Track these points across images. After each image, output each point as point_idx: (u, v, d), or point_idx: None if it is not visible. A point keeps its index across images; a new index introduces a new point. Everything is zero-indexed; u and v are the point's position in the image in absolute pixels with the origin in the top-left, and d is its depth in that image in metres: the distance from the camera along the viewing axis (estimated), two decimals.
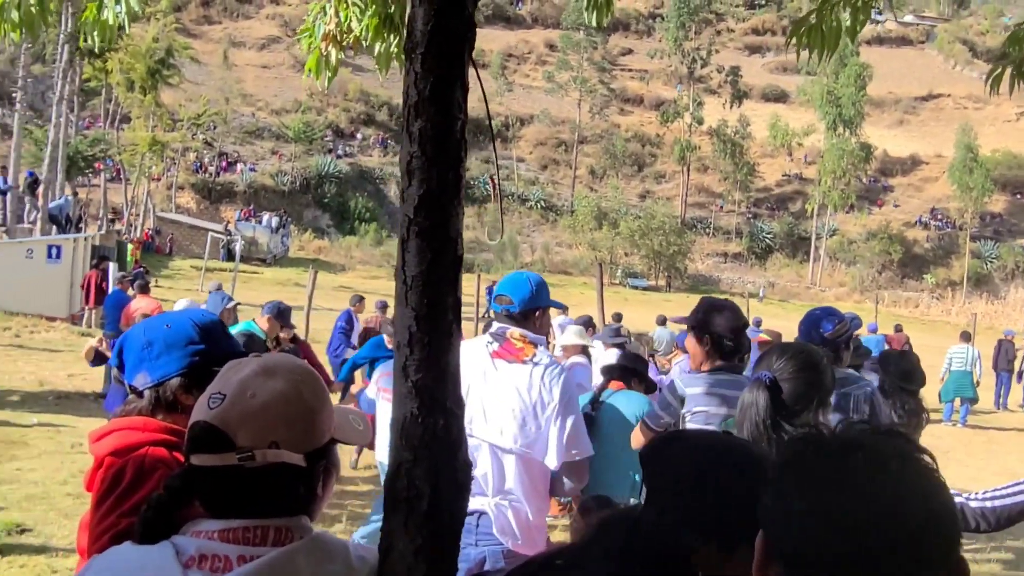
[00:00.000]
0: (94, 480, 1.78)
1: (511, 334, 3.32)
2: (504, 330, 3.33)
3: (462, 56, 1.40)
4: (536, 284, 3.45)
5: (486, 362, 3.22)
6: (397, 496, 1.30)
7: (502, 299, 3.44)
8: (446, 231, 1.35)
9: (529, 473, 3.21)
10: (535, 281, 3.46)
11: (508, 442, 3.16)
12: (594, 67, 65.30)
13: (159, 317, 1.94)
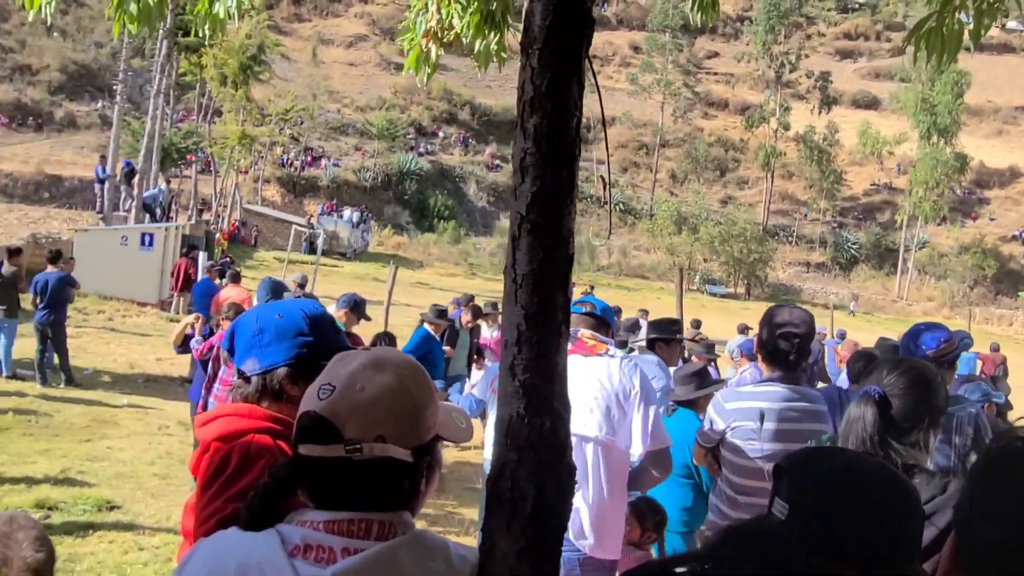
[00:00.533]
0: (199, 464, 1.82)
1: (582, 334, 3.46)
2: (576, 331, 3.44)
3: (579, 52, 1.38)
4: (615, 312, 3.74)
5: None
6: (500, 496, 1.29)
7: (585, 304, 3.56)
8: (559, 229, 1.33)
9: (608, 462, 3.29)
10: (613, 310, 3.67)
11: (591, 431, 3.26)
12: (679, 70, 64.55)
13: (271, 306, 1.97)
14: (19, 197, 35.00)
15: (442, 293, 27.88)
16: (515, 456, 1.29)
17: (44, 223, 24.95)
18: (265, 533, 1.27)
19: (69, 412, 9.40)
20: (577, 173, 1.37)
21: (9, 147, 42.26)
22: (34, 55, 50.69)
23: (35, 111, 47.29)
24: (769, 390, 3.38)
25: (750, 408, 3.36)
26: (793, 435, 3.27)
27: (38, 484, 6.73)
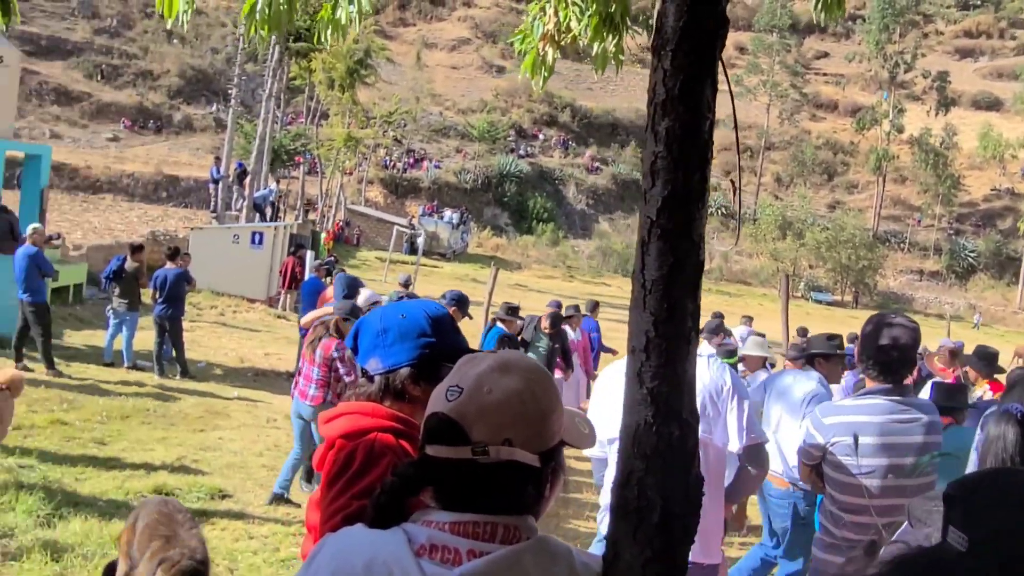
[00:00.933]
0: (324, 460, 1.86)
1: None
2: None
3: (714, 53, 1.35)
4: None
5: None
6: (627, 504, 1.27)
7: None
8: (689, 234, 1.30)
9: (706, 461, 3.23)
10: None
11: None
12: (786, 71, 63.01)
13: (395, 306, 2.00)
14: (139, 196, 36.84)
15: (539, 295, 27.96)
16: (642, 465, 1.26)
17: (162, 221, 26.21)
18: (391, 531, 1.28)
19: (184, 403, 9.81)
20: (709, 178, 1.34)
21: (131, 149, 44.52)
22: (155, 61, 53.25)
23: (155, 114, 49.66)
24: (871, 403, 3.25)
25: (849, 423, 3.24)
26: (898, 449, 3.15)
27: (156, 471, 7.04)
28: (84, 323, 13.31)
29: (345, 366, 6.70)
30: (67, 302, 13.82)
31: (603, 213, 55.67)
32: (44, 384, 9.49)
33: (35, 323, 9.90)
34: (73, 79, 48.66)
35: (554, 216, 52.42)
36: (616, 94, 63.64)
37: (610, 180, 57.20)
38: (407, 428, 1.83)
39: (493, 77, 64.85)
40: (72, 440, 7.59)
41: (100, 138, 45.08)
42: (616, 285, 41.60)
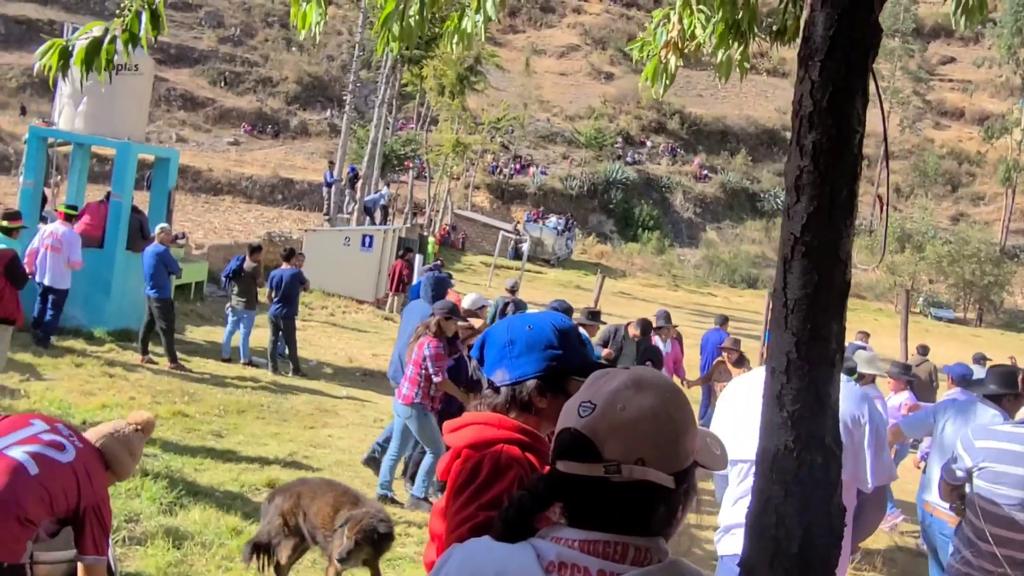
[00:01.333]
0: (449, 469, 1.87)
1: None
2: None
3: (866, 64, 1.29)
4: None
5: None
6: (763, 531, 1.22)
7: None
8: (836, 253, 1.25)
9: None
10: None
11: None
12: (909, 77, 60.53)
13: (522, 317, 2.00)
14: (256, 198, 38.27)
15: (644, 304, 27.67)
16: (781, 491, 1.22)
17: (277, 223, 27.16)
18: (520, 546, 1.27)
19: (296, 400, 10.12)
20: (857, 193, 1.28)
21: (250, 152, 46.33)
22: (275, 68, 55.28)
23: (273, 119, 51.53)
24: None
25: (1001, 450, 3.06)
26: None
27: (269, 465, 7.28)
28: (204, 319, 13.91)
29: (434, 365, 6.75)
30: (189, 299, 14.46)
31: (710, 222, 54.69)
32: (167, 376, 9.96)
33: (160, 318, 10.38)
34: (198, 86, 51.03)
35: (660, 224, 51.79)
36: (727, 101, 62.48)
37: (719, 188, 56.15)
38: (533, 441, 1.82)
39: (601, 84, 64.61)
40: (192, 432, 7.93)
41: (222, 142, 47.10)
42: (722, 296, 40.78)
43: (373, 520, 4.37)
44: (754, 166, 58.16)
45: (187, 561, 4.91)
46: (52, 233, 10.12)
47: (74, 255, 10.20)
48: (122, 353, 10.59)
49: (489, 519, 1.64)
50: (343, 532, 4.33)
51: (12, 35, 46.30)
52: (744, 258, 47.70)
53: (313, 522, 4.54)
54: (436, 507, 1.94)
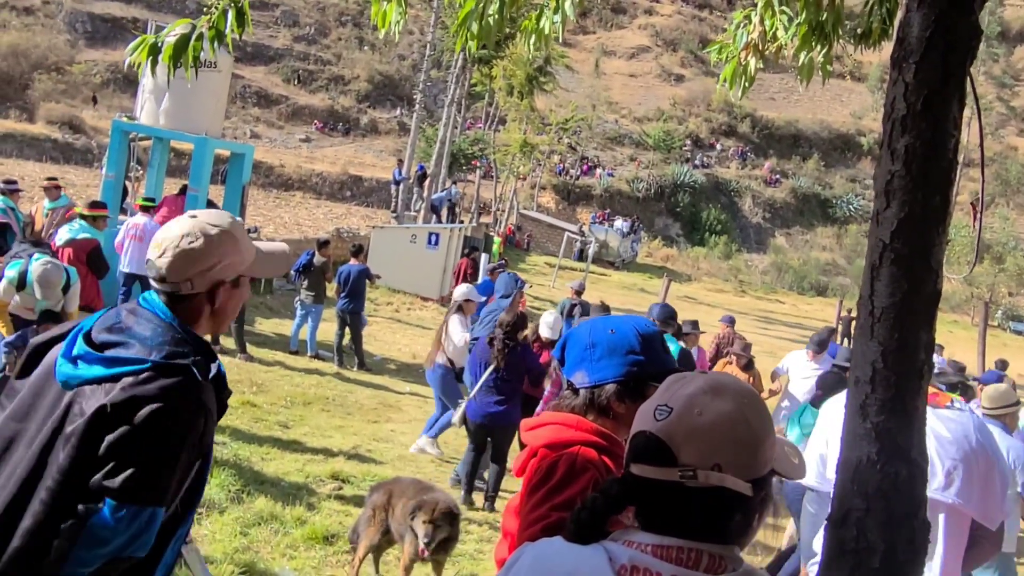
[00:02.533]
0: (525, 467, 1.88)
1: None
2: None
3: (963, 66, 1.25)
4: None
5: None
6: (844, 544, 1.19)
7: None
8: (927, 260, 1.21)
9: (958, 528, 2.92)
10: None
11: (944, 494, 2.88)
12: (992, 82, 58.58)
13: (604, 320, 1.99)
14: (326, 195, 38.87)
15: (709, 309, 27.30)
16: (862, 504, 1.19)
17: (345, 219, 27.55)
18: (592, 548, 1.27)
19: (360, 394, 10.26)
20: (951, 200, 1.24)
21: (321, 150, 47.11)
22: (347, 67, 56.10)
23: (344, 117, 52.31)
24: None
25: None
26: None
27: (334, 457, 7.39)
28: (273, 312, 14.19)
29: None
30: (259, 292, 14.78)
31: (780, 227, 53.71)
32: (237, 366, 10.19)
33: None
34: (273, 83, 52.08)
35: (728, 228, 51.05)
36: (800, 104, 61.31)
37: (789, 193, 55.11)
38: (610, 444, 1.81)
39: (671, 86, 63.99)
40: (260, 421, 8.10)
41: (294, 139, 47.98)
42: (790, 303, 40.02)
43: (442, 499, 4.50)
44: (826, 171, 56.92)
45: (253, 548, 5.01)
46: (135, 224, 10.47)
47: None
48: None
49: (562, 520, 1.63)
50: (419, 518, 4.42)
51: (98, 32, 47.91)
52: (814, 265, 46.74)
53: (398, 518, 4.65)
54: (510, 505, 1.95)
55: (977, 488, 2.92)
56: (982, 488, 2.93)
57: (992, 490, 2.94)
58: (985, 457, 2.96)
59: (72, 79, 42.98)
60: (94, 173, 25.69)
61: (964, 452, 2.92)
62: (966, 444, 2.93)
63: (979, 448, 2.95)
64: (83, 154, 33.48)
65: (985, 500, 2.93)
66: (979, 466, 2.94)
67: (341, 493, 6.47)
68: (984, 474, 2.94)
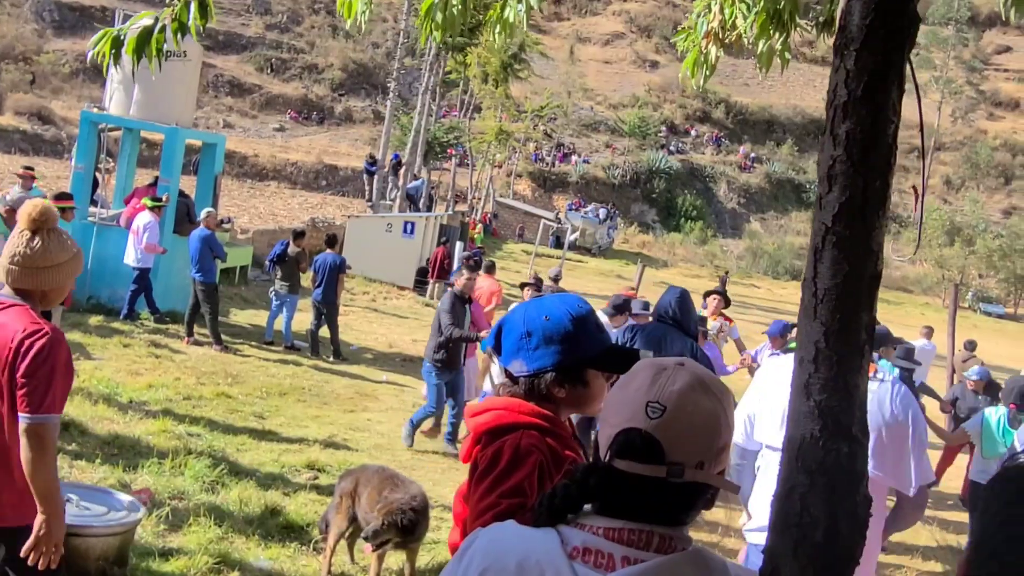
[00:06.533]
0: (471, 454, 1.90)
1: None
2: None
3: (902, 53, 1.28)
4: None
5: None
6: (788, 519, 1.23)
7: None
8: (867, 243, 1.25)
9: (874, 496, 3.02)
10: None
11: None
12: (962, 66, 59.13)
13: (538, 305, 1.98)
14: (301, 184, 38.63)
15: None
16: (806, 480, 1.22)
17: (321, 208, 27.41)
18: (544, 531, 1.29)
19: (336, 383, 10.25)
20: (891, 184, 1.28)
21: (295, 139, 46.79)
22: (321, 55, 55.68)
23: (319, 106, 51.95)
24: None
25: None
26: None
27: (310, 447, 7.40)
28: (248, 303, 14.13)
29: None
30: (234, 282, 14.70)
31: (755, 212, 54.05)
32: (212, 358, 10.15)
33: (205, 301, 10.59)
34: (245, 72, 51.60)
35: (703, 214, 51.31)
36: (773, 90, 61.60)
37: (764, 179, 55.46)
38: (553, 425, 1.84)
39: (646, 72, 64.08)
40: (235, 413, 8.08)
41: (268, 128, 47.60)
42: (765, 287, 40.33)
43: (404, 505, 4.44)
44: (800, 156, 57.29)
45: (227, 538, 5.02)
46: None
47: (150, 239, 10.70)
48: (168, 335, 10.82)
49: (512, 506, 1.66)
50: (377, 514, 4.43)
51: (66, 21, 47.24)
52: (788, 249, 47.09)
53: (364, 506, 4.66)
54: (459, 491, 1.97)
55: (891, 456, 3.03)
56: (896, 456, 3.04)
57: (905, 457, 3.05)
58: (899, 426, 3.06)
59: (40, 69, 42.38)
60: (64, 164, 25.37)
61: (876, 422, 3.01)
62: (879, 414, 3.03)
63: (892, 419, 3.06)
64: (53, 145, 33.06)
65: (898, 467, 3.04)
66: (893, 435, 3.05)
67: (317, 483, 6.48)
68: (899, 442, 3.05)
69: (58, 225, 2.81)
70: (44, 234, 2.72)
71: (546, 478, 1.75)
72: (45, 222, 2.73)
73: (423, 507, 4.58)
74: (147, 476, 5.73)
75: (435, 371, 8.14)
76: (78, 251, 2.84)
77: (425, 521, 4.64)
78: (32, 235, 2.71)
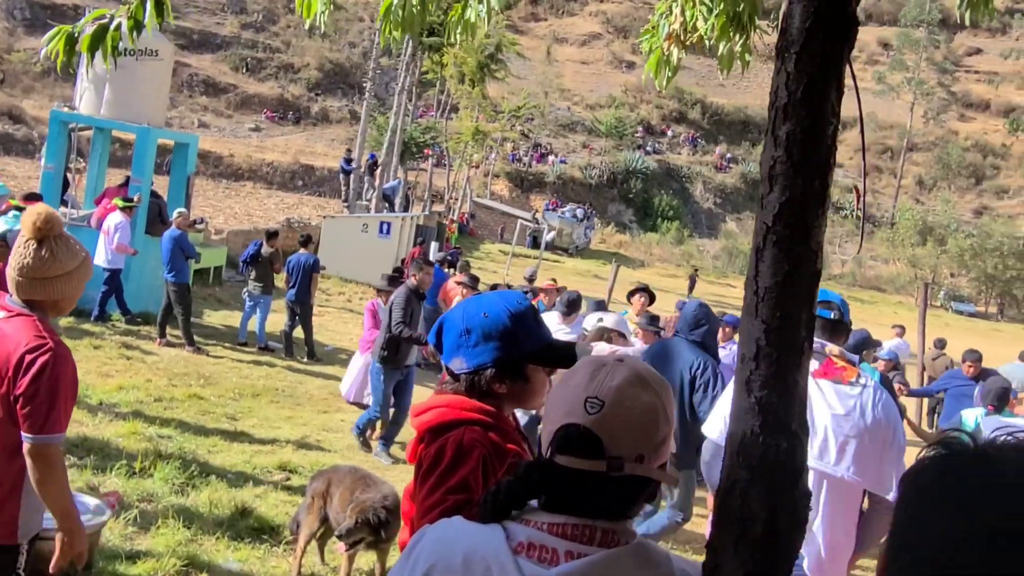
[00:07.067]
0: (416, 452, 1.92)
1: (831, 351, 3.18)
2: (822, 345, 3.18)
3: (840, 56, 1.30)
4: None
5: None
6: (730, 514, 1.25)
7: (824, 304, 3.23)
8: (807, 242, 1.27)
9: (847, 501, 3.06)
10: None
11: (833, 467, 3.01)
12: (934, 68, 59.86)
13: (477, 302, 2.00)
14: (277, 184, 38.41)
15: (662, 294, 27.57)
16: (746, 475, 1.24)
17: (297, 209, 27.28)
18: (491, 527, 1.30)
19: (310, 384, 10.21)
20: (830, 184, 1.30)
21: (271, 139, 46.51)
22: (296, 55, 55.38)
23: (295, 106, 51.67)
24: None
25: None
26: None
27: (282, 448, 7.37)
28: (222, 304, 14.03)
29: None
30: (208, 283, 14.60)
31: (731, 212, 54.40)
32: (184, 359, 10.08)
33: (177, 302, 10.51)
34: (221, 71, 51.22)
35: (680, 214, 51.59)
36: (749, 91, 62.02)
37: (739, 179, 55.82)
38: (495, 420, 1.86)
39: (623, 73, 64.30)
40: (207, 414, 8.03)
41: (243, 128, 47.28)
42: (741, 286, 40.56)
43: (376, 504, 4.45)
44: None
45: (197, 540, 4.99)
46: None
47: (121, 240, 10.63)
48: (140, 336, 10.73)
49: (458, 502, 1.68)
50: (350, 513, 4.42)
51: (38, 19, 46.67)
52: None
53: (336, 506, 4.65)
54: (406, 489, 1.99)
55: (872, 461, 3.03)
56: (877, 461, 3.04)
57: (887, 463, 3.05)
58: (880, 431, 3.05)
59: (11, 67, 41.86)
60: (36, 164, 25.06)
61: (859, 428, 3.02)
62: (861, 420, 3.03)
63: (875, 424, 3.05)
64: (24, 145, 32.64)
65: (879, 472, 3.04)
66: (874, 440, 3.04)
67: (289, 484, 6.45)
68: (879, 447, 3.05)
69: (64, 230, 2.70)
70: (51, 242, 2.60)
71: (490, 472, 1.78)
72: (51, 229, 2.60)
73: (395, 507, 4.57)
74: (116, 479, 5.68)
75: (382, 370, 7.89)
76: (87, 255, 2.73)
77: (397, 521, 4.64)
78: (38, 244, 2.59)
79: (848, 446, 3.01)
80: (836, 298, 3.33)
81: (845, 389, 3.07)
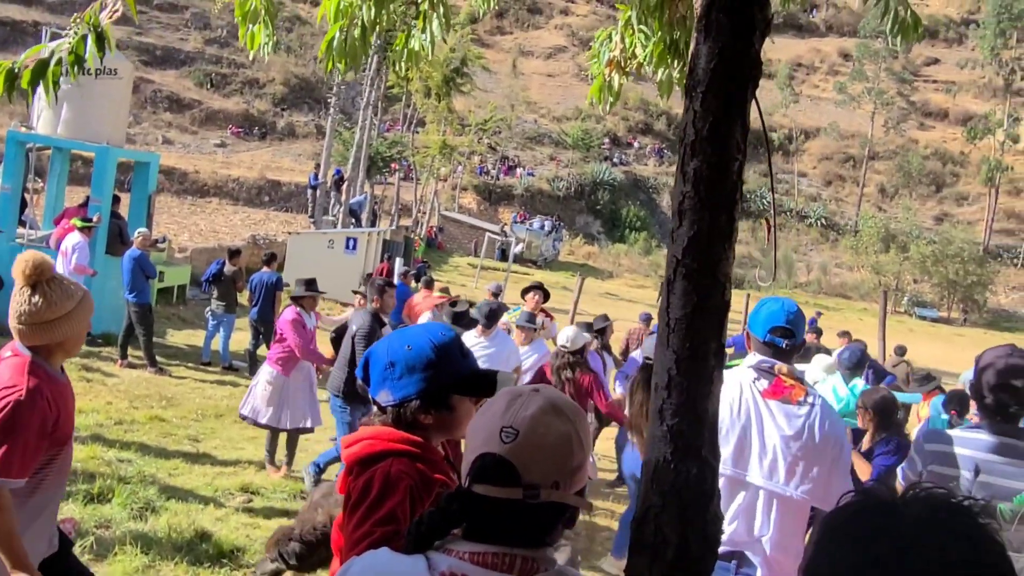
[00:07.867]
0: (345, 484, 1.95)
1: (779, 370, 3.19)
2: (771, 364, 3.19)
3: (744, 96, 1.36)
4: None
5: (753, 401, 3.10)
6: (644, 540, 1.29)
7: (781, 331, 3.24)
8: (714, 275, 1.32)
9: (797, 517, 3.10)
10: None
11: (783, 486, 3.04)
12: (893, 78, 60.91)
13: (400, 336, 2.04)
14: (243, 200, 38.15)
15: (630, 304, 27.73)
16: (659, 501, 1.29)
17: (263, 225, 27.11)
18: (414, 557, 1.33)
19: None
20: (736, 218, 1.35)
21: (237, 154, 46.19)
22: (262, 70, 55.07)
23: (260, 121, 51.38)
24: (974, 438, 3.12)
25: (945, 453, 3.14)
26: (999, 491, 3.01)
27: (245, 469, 7.32)
28: (186, 323, 13.90)
29: None
30: (171, 302, 14.45)
31: None
32: (146, 381, 9.97)
33: (138, 323, 10.41)
34: (184, 87, 50.82)
35: (647, 225, 51.93)
36: None
37: None
38: (422, 451, 1.90)
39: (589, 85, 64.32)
40: (169, 436, 7.95)
41: (208, 144, 46.91)
42: None
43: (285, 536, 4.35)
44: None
45: (154, 566, 4.95)
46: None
47: (79, 260, 10.39)
48: (101, 358, 10.60)
49: (386, 533, 1.71)
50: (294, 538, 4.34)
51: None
52: None
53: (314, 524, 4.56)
54: (336, 521, 2.02)
55: (821, 479, 3.05)
56: (825, 479, 3.05)
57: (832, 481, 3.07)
58: (828, 449, 3.08)
59: None
60: None
61: (807, 447, 3.04)
62: (810, 440, 3.05)
63: (822, 442, 3.07)
64: None
65: (827, 490, 3.05)
66: (822, 458, 3.06)
67: (250, 505, 6.41)
68: (827, 465, 3.07)
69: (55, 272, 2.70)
70: (43, 286, 2.61)
71: (418, 503, 1.81)
72: (41, 274, 2.61)
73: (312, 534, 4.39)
74: (72, 505, 5.61)
75: (347, 407, 7.23)
76: (85, 293, 2.71)
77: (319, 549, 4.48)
78: (32, 290, 2.59)
79: (797, 466, 3.04)
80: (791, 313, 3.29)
81: (793, 409, 3.09)
